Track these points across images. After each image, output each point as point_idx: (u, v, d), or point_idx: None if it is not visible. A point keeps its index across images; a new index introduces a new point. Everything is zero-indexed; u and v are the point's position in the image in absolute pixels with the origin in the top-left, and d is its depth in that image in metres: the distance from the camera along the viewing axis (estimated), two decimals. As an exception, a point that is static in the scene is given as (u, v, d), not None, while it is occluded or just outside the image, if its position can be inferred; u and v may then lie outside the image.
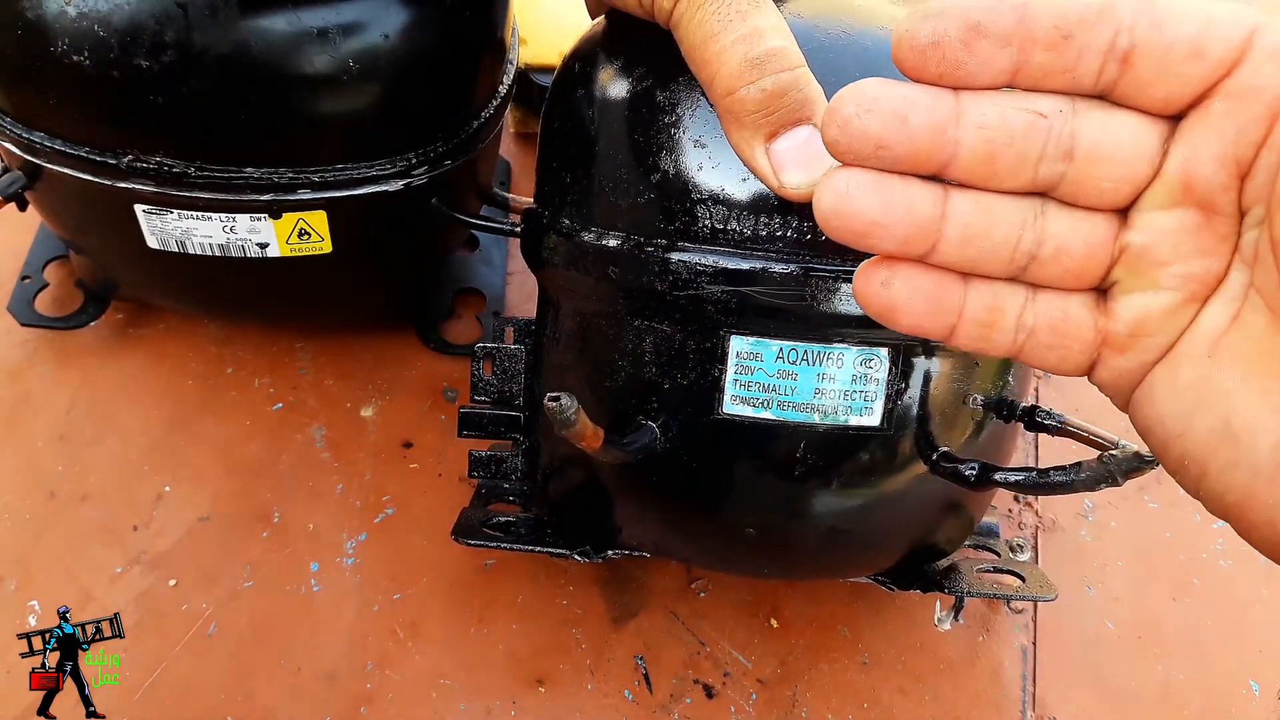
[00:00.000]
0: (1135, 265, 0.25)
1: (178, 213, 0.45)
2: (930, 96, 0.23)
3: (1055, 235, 0.25)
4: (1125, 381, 0.26)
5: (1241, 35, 0.23)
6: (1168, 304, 0.25)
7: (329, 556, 0.51)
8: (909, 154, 0.24)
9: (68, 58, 0.40)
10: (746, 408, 0.37)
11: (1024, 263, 0.26)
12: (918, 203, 0.24)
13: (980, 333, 0.26)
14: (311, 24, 0.41)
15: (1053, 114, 0.24)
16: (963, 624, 0.51)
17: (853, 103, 0.23)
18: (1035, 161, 0.24)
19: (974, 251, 0.25)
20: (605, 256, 0.38)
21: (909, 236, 0.25)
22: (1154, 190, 0.25)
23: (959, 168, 0.24)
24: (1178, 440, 0.25)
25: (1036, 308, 0.26)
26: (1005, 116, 0.24)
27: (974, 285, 0.26)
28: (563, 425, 0.33)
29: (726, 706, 0.48)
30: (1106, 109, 0.24)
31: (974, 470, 0.37)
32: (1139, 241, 0.25)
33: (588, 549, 0.45)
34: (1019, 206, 0.25)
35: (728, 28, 0.30)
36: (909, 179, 0.24)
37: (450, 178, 0.50)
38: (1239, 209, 0.24)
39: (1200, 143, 0.24)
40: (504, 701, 0.48)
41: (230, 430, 0.55)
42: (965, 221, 0.25)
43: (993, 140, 0.24)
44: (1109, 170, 0.24)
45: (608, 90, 0.39)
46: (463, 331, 0.61)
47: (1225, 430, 0.24)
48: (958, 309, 0.26)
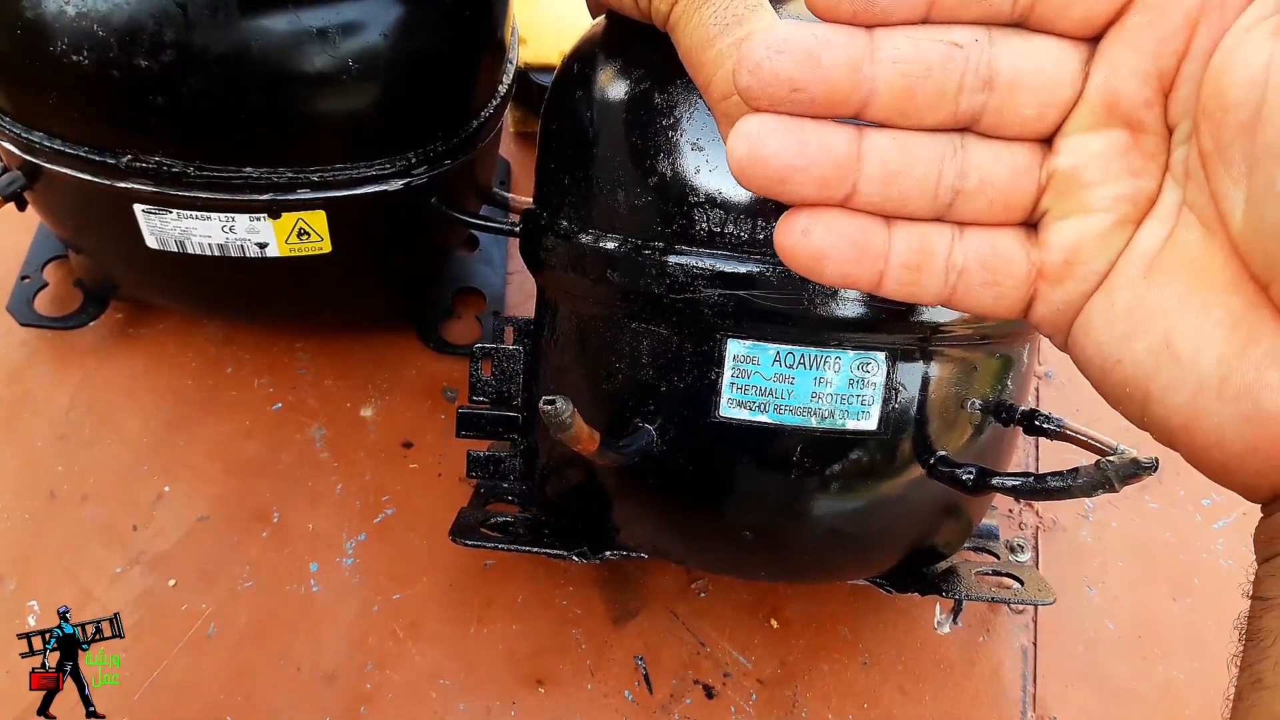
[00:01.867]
0: (1064, 190, 0.25)
1: (177, 212, 0.45)
2: (843, 35, 0.23)
3: (978, 167, 0.25)
4: (1063, 315, 0.26)
5: None
6: (1100, 227, 0.25)
7: (329, 556, 0.51)
8: (825, 94, 0.23)
9: (67, 57, 0.40)
10: (743, 411, 0.37)
11: (948, 199, 0.25)
12: (833, 143, 0.24)
13: (910, 276, 0.25)
14: (311, 24, 0.41)
15: (969, 44, 0.23)
16: (962, 627, 0.51)
17: (763, 45, 0.23)
18: (955, 94, 0.24)
19: (895, 191, 0.24)
20: (603, 258, 0.38)
21: (827, 179, 0.24)
22: (1078, 113, 0.24)
23: (877, 106, 0.24)
24: (1117, 366, 0.24)
25: (965, 245, 0.25)
26: (921, 49, 0.23)
27: (899, 227, 0.25)
28: (558, 428, 0.33)
29: (726, 706, 0.48)
30: (1025, 35, 0.24)
31: (971, 475, 0.37)
32: (1066, 165, 0.24)
33: (585, 550, 0.45)
34: (938, 141, 0.24)
35: (724, 32, 0.30)
36: (823, 120, 0.23)
37: (450, 177, 0.50)
38: (1166, 125, 0.24)
39: (1120, 60, 0.23)
40: (503, 701, 0.48)
41: (230, 430, 0.55)
42: (884, 159, 0.24)
43: (909, 74, 0.23)
44: (1030, 97, 0.24)
45: (606, 92, 0.39)
46: (462, 331, 0.61)
47: (1166, 349, 0.23)
48: (883, 253, 0.25)
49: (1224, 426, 0.23)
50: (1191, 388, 0.23)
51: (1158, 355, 0.24)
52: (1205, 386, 0.23)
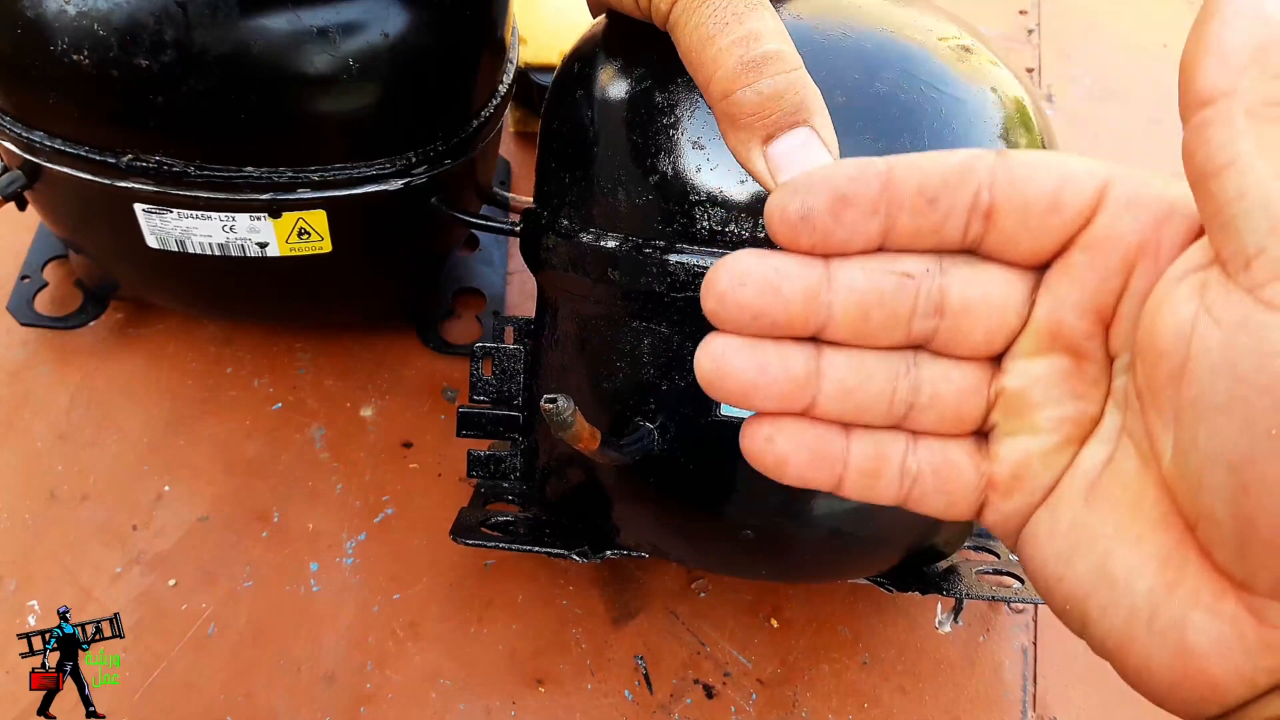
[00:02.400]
0: (1012, 408, 0.26)
1: (177, 212, 0.45)
2: (800, 266, 0.24)
3: (930, 382, 0.26)
4: (1012, 524, 0.27)
5: (1095, 187, 0.23)
6: (1045, 446, 0.26)
7: (329, 556, 0.51)
8: (785, 320, 0.25)
9: (67, 57, 0.40)
10: (744, 410, 0.37)
11: (903, 411, 0.26)
12: (792, 362, 0.25)
13: (867, 481, 0.27)
14: (311, 23, 0.41)
15: (920, 274, 0.25)
16: (963, 626, 0.51)
17: (727, 276, 0.24)
18: (908, 319, 0.25)
19: (853, 404, 0.26)
20: (604, 258, 0.38)
21: (786, 394, 0.25)
22: (1024, 339, 0.25)
23: (835, 329, 0.25)
24: (1059, 583, 0.25)
25: (919, 454, 0.27)
26: (874, 280, 0.25)
27: (856, 435, 0.26)
28: (559, 427, 0.33)
29: (726, 706, 0.48)
30: (974, 264, 0.25)
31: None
32: (1013, 386, 0.26)
33: (586, 549, 0.45)
34: (893, 359, 0.26)
35: (724, 30, 0.30)
36: (783, 341, 0.25)
37: (450, 177, 0.50)
38: (1107, 354, 0.25)
39: (1064, 293, 0.24)
40: (504, 701, 0.48)
41: (230, 430, 0.55)
42: (840, 376, 0.25)
43: (864, 303, 0.25)
44: (979, 323, 0.25)
45: (607, 91, 0.39)
46: (462, 331, 0.61)
47: (1103, 572, 0.24)
48: (842, 459, 0.26)
49: (1153, 657, 0.23)
50: (1125, 614, 0.24)
51: (1095, 578, 0.24)
52: (1137, 615, 0.24)
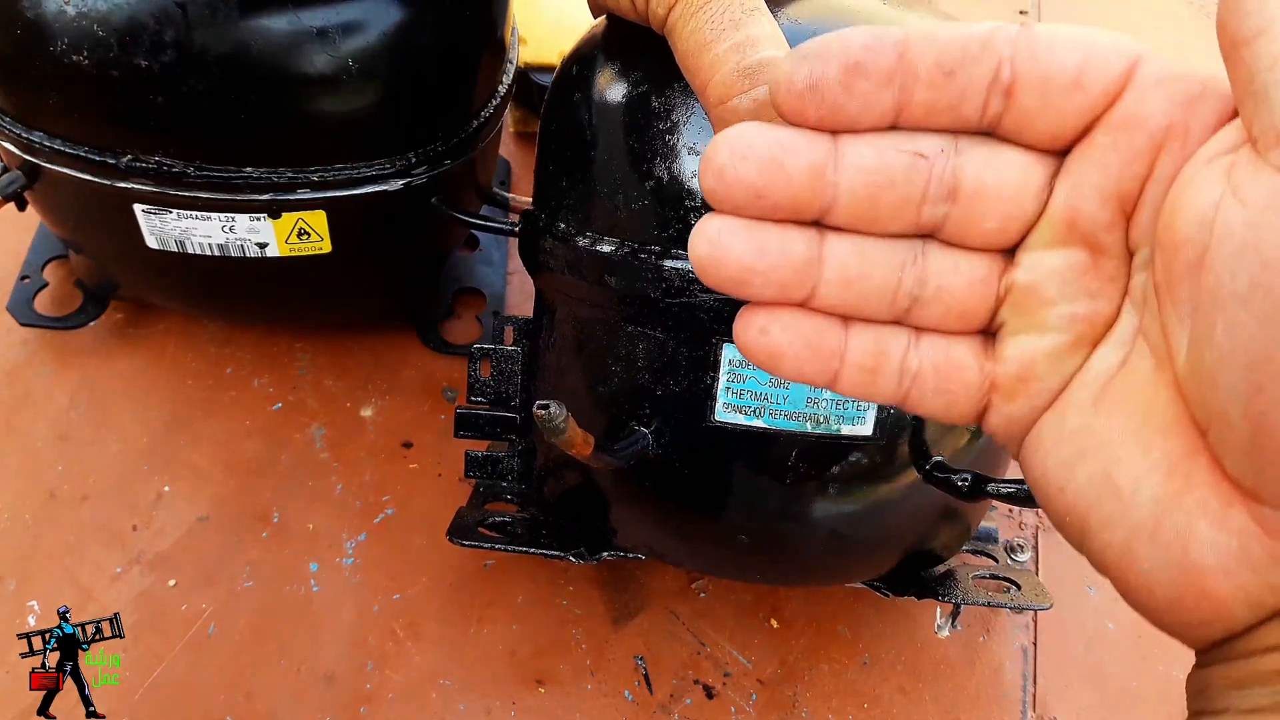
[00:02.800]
0: (1021, 305, 0.24)
1: (177, 212, 0.45)
2: (807, 140, 0.23)
3: (937, 275, 0.24)
4: (1016, 429, 0.26)
5: (1123, 64, 0.22)
6: (1055, 346, 0.24)
7: (329, 556, 0.51)
8: (788, 200, 0.23)
9: (67, 57, 0.40)
10: (739, 415, 0.37)
11: (906, 304, 0.25)
12: (794, 248, 0.23)
13: (864, 378, 0.25)
14: (311, 24, 0.41)
15: (934, 154, 0.23)
16: (961, 630, 0.51)
17: (728, 150, 0.22)
18: (918, 204, 0.23)
19: (854, 294, 0.24)
20: (600, 262, 0.38)
21: (786, 282, 0.24)
22: (1040, 229, 0.24)
23: (839, 212, 0.23)
24: (1060, 494, 0.24)
25: (921, 351, 0.25)
26: (885, 159, 0.23)
27: (855, 329, 0.25)
28: (552, 433, 0.33)
29: (726, 707, 0.48)
30: (991, 146, 0.23)
31: (967, 481, 0.37)
32: (1024, 280, 0.24)
33: (583, 551, 0.45)
34: (899, 247, 0.24)
35: (721, 36, 0.30)
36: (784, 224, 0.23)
37: (450, 177, 0.50)
38: (1127, 249, 0.23)
39: (1084, 178, 0.23)
40: (504, 701, 0.48)
41: (230, 430, 0.56)
42: (843, 265, 0.24)
43: (873, 184, 0.23)
44: (993, 209, 0.24)
45: (605, 95, 0.39)
46: (462, 331, 0.61)
47: (1107, 482, 0.23)
48: (839, 354, 0.25)
49: (1154, 572, 0.23)
50: (1127, 527, 0.23)
51: (1099, 487, 0.23)
52: (1140, 528, 0.23)
